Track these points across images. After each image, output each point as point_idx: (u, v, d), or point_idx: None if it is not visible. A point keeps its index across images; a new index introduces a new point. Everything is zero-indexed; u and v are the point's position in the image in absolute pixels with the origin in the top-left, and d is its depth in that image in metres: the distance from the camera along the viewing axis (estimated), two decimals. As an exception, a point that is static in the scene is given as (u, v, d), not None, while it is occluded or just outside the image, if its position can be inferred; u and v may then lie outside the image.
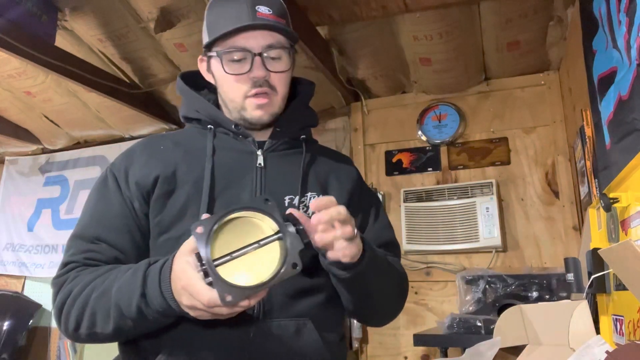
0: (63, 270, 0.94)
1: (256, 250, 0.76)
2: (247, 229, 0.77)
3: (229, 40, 0.98)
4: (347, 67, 2.76)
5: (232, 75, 0.99)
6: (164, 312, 0.81)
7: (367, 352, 2.74)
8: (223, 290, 0.71)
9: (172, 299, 0.79)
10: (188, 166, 0.99)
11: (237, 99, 1.01)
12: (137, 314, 0.82)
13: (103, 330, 0.86)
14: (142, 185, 0.97)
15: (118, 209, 0.97)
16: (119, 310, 0.83)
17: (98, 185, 1.03)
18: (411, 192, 2.72)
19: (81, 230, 0.97)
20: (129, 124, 3.40)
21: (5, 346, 3.33)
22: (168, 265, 0.80)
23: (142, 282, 0.82)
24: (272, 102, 1.00)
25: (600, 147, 1.53)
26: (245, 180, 1.00)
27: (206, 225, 0.74)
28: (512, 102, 2.72)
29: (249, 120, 1.01)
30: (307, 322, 0.95)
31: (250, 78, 0.98)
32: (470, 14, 2.30)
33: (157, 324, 0.86)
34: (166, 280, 0.79)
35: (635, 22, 1.12)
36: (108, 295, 0.85)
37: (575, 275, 1.35)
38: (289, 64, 1.01)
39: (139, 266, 0.85)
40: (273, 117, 1.02)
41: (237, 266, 0.74)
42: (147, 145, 1.05)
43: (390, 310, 1.09)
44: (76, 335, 0.89)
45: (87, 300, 0.87)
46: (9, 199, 3.89)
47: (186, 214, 0.95)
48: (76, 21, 2.46)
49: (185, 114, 1.10)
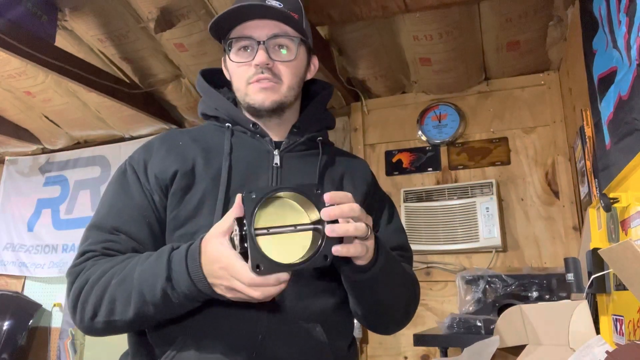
0: (80, 260, 0.92)
1: (291, 234, 0.77)
2: (287, 211, 0.78)
3: (237, 30, 1.01)
4: (347, 67, 2.76)
5: (237, 63, 1.01)
6: (191, 295, 0.80)
7: (367, 352, 2.74)
8: (256, 259, 0.71)
9: (201, 280, 0.78)
10: (206, 163, 1.00)
11: (242, 86, 1.02)
12: (162, 298, 0.81)
13: (122, 317, 0.85)
14: (161, 178, 0.98)
15: (138, 200, 0.97)
16: (141, 296, 0.82)
17: (116, 177, 1.02)
18: (411, 192, 2.72)
19: (99, 221, 0.96)
20: (129, 124, 3.40)
21: (5, 346, 3.33)
22: (195, 248, 0.80)
23: (167, 266, 0.81)
24: (275, 89, 1.01)
25: (600, 147, 1.53)
26: (261, 179, 1.00)
27: (259, 193, 0.75)
28: (512, 102, 2.72)
29: (252, 105, 1.02)
30: (316, 327, 0.94)
31: (253, 65, 0.99)
32: (470, 14, 2.30)
33: (180, 310, 0.84)
34: (194, 262, 0.79)
35: (635, 22, 1.12)
36: (129, 281, 0.84)
37: (575, 275, 1.35)
38: (295, 54, 1.02)
39: (162, 251, 0.85)
40: (277, 104, 1.02)
41: (271, 243, 0.75)
42: (165, 140, 1.05)
43: (400, 319, 1.06)
44: (92, 324, 0.87)
45: (107, 286, 0.85)
46: (9, 199, 3.89)
47: (202, 210, 0.95)
48: (76, 21, 2.46)
49: (203, 111, 1.11)
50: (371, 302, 0.96)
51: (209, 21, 1.04)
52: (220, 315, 0.90)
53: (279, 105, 1.02)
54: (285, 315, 0.92)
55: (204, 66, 1.08)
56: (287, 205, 0.79)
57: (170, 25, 2.34)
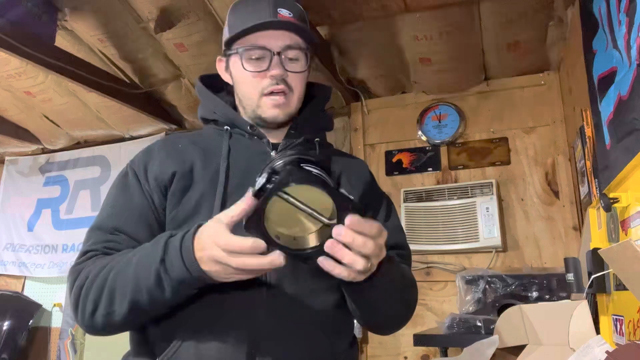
0: (82, 259, 0.94)
1: (305, 216, 0.72)
2: (313, 198, 0.72)
3: (250, 39, 1.00)
4: (347, 67, 2.76)
5: (250, 72, 1.01)
6: (184, 281, 0.81)
7: (367, 352, 2.74)
8: (253, 217, 0.70)
9: (192, 263, 0.79)
10: (204, 164, 1.01)
11: (254, 97, 1.03)
12: (156, 282, 0.82)
13: (119, 309, 0.85)
14: (160, 180, 1.00)
15: (137, 201, 0.99)
16: (136, 281, 0.83)
17: (118, 180, 1.05)
18: (411, 192, 2.72)
19: (101, 222, 0.99)
20: (129, 124, 3.40)
21: (5, 346, 3.33)
22: (191, 234, 0.81)
23: (162, 250, 0.82)
24: (288, 102, 1.03)
25: (600, 147, 1.53)
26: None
27: (294, 162, 0.74)
28: (512, 102, 2.72)
29: (265, 119, 1.03)
30: (316, 324, 0.94)
31: (269, 76, 1.00)
32: (470, 14, 2.30)
33: (173, 298, 0.84)
34: (188, 245, 0.79)
35: (635, 22, 1.12)
36: (127, 270, 0.85)
37: (575, 275, 1.35)
38: (306, 65, 1.04)
39: (160, 236, 0.86)
40: (288, 117, 1.04)
41: (281, 209, 0.72)
42: (165, 144, 1.08)
43: (399, 321, 1.07)
44: (92, 321, 0.88)
45: (106, 279, 0.87)
46: (9, 199, 3.89)
47: (200, 210, 0.97)
48: (76, 21, 2.46)
49: (203, 115, 1.13)
50: (367, 306, 0.96)
51: (209, 21, 1.04)
52: (219, 313, 0.91)
53: (290, 117, 1.05)
54: (284, 313, 0.92)
55: (204, 66, 1.09)
56: (315, 193, 0.72)
57: (170, 25, 2.34)
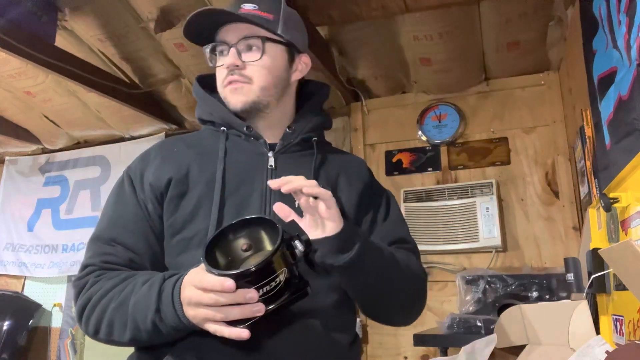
0: (83, 273, 0.96)
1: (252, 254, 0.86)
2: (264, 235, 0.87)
3: (217, 36, 1.05)
4: (347, 67, 2.76)
5: (216, 67, 1.06)
6: (177, 327, 0.84)
7: (367, 352, 2.74)
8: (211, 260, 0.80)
9: (184, 314, 0.82)
10: (200, 167, 1.01)
11: (221, 90, 1.06)
12: (152, 328, 0.86)
13: (120, 339, 0.90)
14: (155, 187, 1.00)
15: (132, 211, 0.99)
16: (135, 323, 0.87)
17: (116, 188, 1.06)
18: (411, 192, 2.72)
19: (99, 232, 1.00)
20: (129, 124, 3.40)
21: (5, 346, 3.33)
22: (180, 281, 0.84)
23: (157, 298, 0.85)
24: (245, 90, 1.02)
25: (600, 147, 1.53)
26: (256, 181, 1.01)
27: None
28: (512, 102, 2.72)
29: (229, 107, 1.05)
30: (316, 323, 0.94)
31: (225, 67, 1.03)
32: (470, 14, 2.30)
33: (171, 338, 0.89)
34: (178, 295, 0.83)
35: (635, 22, 1.12)
36: (125, 307, 0.88)
37: (575, 275, 1.35)
38: (260, 54, 1.02)
39: (155, 281, 0.88)
40: (248, 106, 1.03)
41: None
42: (161, 148, 1.08)
43: (399, 307, 1.05)
44: (96, 337, 0.94)
45: (105, 309, 0.90)
46: (9, 199, 3.89)
47: (198, 214, 0.97)
48: (76, 21, 2.46)
49: (200, 116, 1.13)
50: (361, 288, 0.96)
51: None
52: None
53: (252, 106, 1.03)
54: (284, 312, 0.92)
55: (204, 66, 1.09)
56: (265, 229, 0.87)
57: (170, 25, 2.34)
